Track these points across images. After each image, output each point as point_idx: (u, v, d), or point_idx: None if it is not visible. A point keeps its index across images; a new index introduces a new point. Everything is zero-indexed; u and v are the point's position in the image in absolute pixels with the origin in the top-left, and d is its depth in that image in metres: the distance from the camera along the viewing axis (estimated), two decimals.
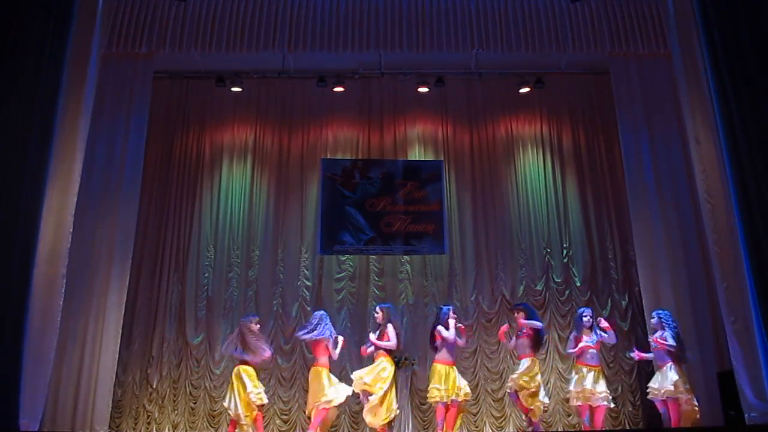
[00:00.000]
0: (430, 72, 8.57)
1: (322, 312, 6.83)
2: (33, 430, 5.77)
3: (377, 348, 6.58)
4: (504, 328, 6.99)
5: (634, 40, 7.75)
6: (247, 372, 6.53)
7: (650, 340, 6.58)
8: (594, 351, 6.61)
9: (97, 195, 7.32)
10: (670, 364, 6.31)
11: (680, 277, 7.31)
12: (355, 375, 6.56)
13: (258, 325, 6.80)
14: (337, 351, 6.62)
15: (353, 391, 6.51)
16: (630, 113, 7.86)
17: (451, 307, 6.82)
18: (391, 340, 6.53)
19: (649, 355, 6.66)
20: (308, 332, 6.60)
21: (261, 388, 6.57)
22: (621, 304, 8.13)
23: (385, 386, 6.38)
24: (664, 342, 6.34)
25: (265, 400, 6.63)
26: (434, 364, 6.60)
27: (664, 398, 6.29)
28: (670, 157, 7.68)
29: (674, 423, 6.21)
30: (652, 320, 6.65)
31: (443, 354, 6.54)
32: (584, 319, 6.74)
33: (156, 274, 8.23)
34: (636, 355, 6.72)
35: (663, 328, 6.45)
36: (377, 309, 6.84)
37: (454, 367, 6.57)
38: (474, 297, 8.22)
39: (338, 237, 8.23)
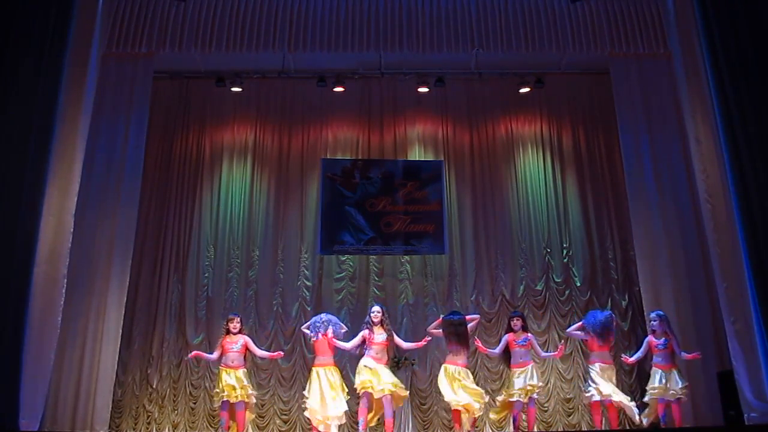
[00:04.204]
0: (430, 72, 8.57)
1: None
2: (33, 430, 5.76)
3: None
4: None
5: (634, 40, 7.76)
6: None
7: (650, 340, 6.59)
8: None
9: (97, 195, 7.33)
10: (676, 368, 6.38)
11: (680, 277, 7.31)
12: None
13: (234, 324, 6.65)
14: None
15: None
16: (630, 113, 7.87)
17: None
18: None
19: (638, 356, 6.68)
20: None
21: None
22: (621, 304, 8.13)
23: None
24: (682, 352, 6.41)
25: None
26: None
27: (669, 399, 6.32)
28: (670, 157, 7.69)
29: (678, 423, 6.25)
30: (653, 322, 6.64)
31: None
32: None
33: (156, 274, 8.22)
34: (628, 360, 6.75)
35: (666, 332, 6.48)
36: (380, 308, 6.64)
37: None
38: (474, 297, 8.21)
39: (338, 237, 8.22)
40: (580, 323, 6.81)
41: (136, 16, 7.62)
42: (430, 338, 6.59)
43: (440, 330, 6.57)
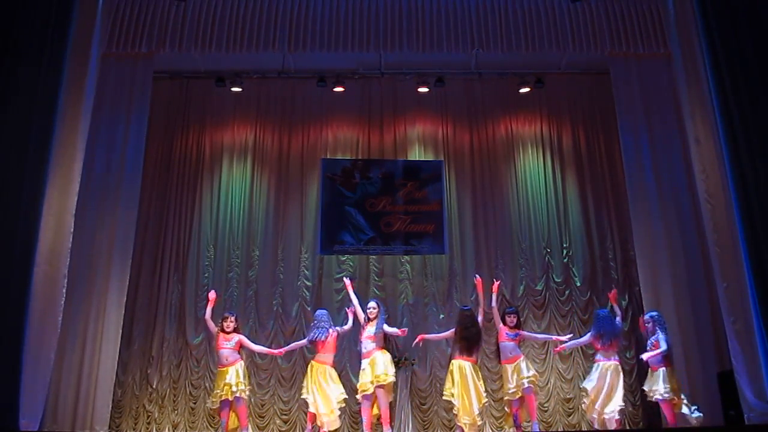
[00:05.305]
0: (430, 72, 8.57)
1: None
2: (33, 430, 5.76)
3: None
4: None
5: (634, 40, 7.76)
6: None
7: (649, 343, 6.62)
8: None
9: (97, 195, 7.33)
10: (663, 368, 6.37)
11: (680, 278, 7.31)
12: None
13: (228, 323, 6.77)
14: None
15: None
16: (630, 113, 7.87)
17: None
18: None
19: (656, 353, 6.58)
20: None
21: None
22: (621, 304, 8.11)
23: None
24: (657, 350, 6.40)
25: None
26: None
27: (654, 401, 6.38)
28: (670, 157, 7.69)
29: (671, 422, 6.27)
30: (647, 324, 6.66)
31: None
32: None
33: (156, 274, 8.22)
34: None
35: (656, 331, 6.50)
36: (375, 304, 6.83)
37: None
38: (474, 297, 8.19)
39: (338, 237, 8.22)
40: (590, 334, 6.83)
41: (136, 16, 7.62)
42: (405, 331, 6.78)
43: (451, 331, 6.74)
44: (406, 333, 6.75)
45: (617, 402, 6.41)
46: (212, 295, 6.99)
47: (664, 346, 6.36)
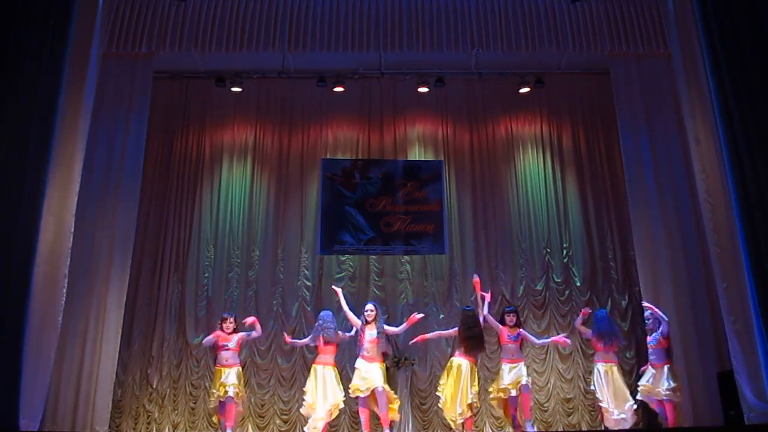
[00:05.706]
0: (430, 72, 8.58)
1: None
2: (33, 430, 5.76)
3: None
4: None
5: (634, 40, 7.76)
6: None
7: (648, 339, 6.65)
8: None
9: (97, 195, 7.32)
10: (668, 365, 6.39)
11: (680, 277, 7.31)
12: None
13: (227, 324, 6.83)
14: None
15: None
16: (630, 113, 7.87)
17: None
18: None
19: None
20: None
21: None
22: (621, 304, 8.13)
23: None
24: (666, 321, 6.50)
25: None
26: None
27: (660, 399, 6.39)
28: (670, 157, 7.68)
29: (671, 423, 6.27)
30: (647, 321, 6.69)
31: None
32: None
33: (156, 274, 8.23)
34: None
35: (657, 328, 6.54)
36: (373, 306, 6.79)
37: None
38: (474, 297, 8.19)
39: (338, 237, 8.22)
40: (590, 331, 6.93)
41: (136, 16, 7.62)
42: (420, 316, 6.75)
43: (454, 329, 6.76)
44: (420, 318, 6.74)
45: (630, 401, 6.52)
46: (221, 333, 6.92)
47: (665, 328, 6.49)
